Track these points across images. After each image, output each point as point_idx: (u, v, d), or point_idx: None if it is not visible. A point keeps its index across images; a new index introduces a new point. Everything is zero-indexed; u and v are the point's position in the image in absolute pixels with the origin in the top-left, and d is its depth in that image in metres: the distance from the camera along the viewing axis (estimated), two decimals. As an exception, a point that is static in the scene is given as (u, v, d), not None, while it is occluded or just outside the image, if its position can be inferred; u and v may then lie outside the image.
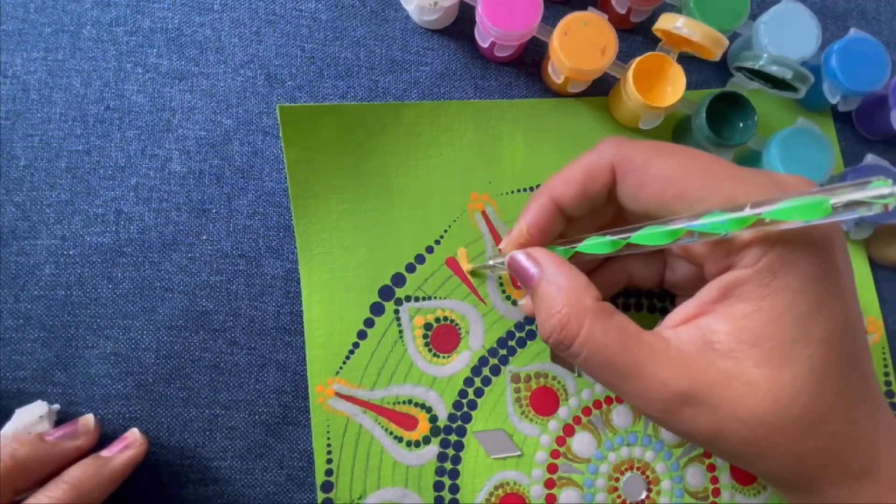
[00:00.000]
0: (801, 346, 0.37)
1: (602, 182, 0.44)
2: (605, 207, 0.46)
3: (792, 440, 0.37)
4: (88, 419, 0.48)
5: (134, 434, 0.48)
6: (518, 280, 0.46)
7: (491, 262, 0.51)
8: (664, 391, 0.38)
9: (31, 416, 0.46)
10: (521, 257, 0.44)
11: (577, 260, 0.45)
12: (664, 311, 0.55)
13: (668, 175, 0.40)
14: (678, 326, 0.41)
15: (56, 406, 0.48)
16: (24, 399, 0.48)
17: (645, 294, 0.55)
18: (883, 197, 0.30)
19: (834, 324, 0.38)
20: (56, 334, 0.50)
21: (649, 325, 0.43)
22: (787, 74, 0.51)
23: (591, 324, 0.40)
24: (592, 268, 0.51)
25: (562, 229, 0.47)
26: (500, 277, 0.54)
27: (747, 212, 0.35)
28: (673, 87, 0.52)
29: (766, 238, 0.37)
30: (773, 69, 0.51)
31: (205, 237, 0.52)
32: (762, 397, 0.37)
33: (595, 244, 0.43)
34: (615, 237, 0.42)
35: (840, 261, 0.39)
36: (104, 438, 0.48)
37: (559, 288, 0.41)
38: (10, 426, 0.46)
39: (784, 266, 0.37)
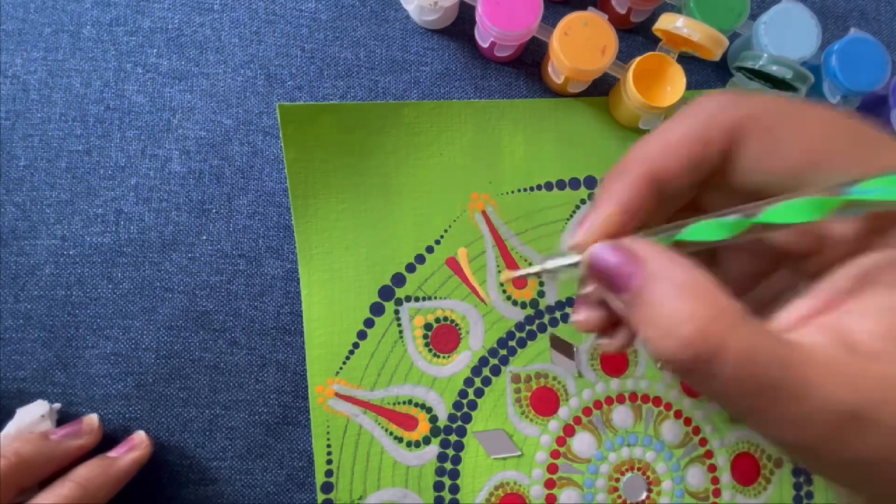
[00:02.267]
0: None
1: (717, 148, 0.34)
2: (709, 181, 0.36)
3: None
4: (92, 419, 0.48)
5: (140, 436, 0.48)
6: (605, 285, 0.33)
7: (549, 265, 0.36)
8: (830, 411, 0.28)
9: (33, 416, 0.46)
10: (608, 253, 0.32)
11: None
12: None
13: (808, 141, 0.32)
14: (796, 329, 0.32)
15: (57, 405, 0.48)
16: (25, 399, 0.48)
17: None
18: None
19: None
20: (56, 334, 0.50)
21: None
22: (788, 74, 0.51)
23: (739, 331, 0.29)
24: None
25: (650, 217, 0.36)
26: (500, 275, 0.53)
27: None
28: (673, 87, 0.51)
29: None
30: (774, 69, 0.51)
31: (205, 237, 0.51)
32: None
33: (704, 228, 0.32)
34: (735, 217, 0.31)
35: None
36: (104, 438, 0.49)
37: (683, 287, 0.30)
38: (11, 425, 0.46)
39: None
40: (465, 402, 0.52)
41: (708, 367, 0.28)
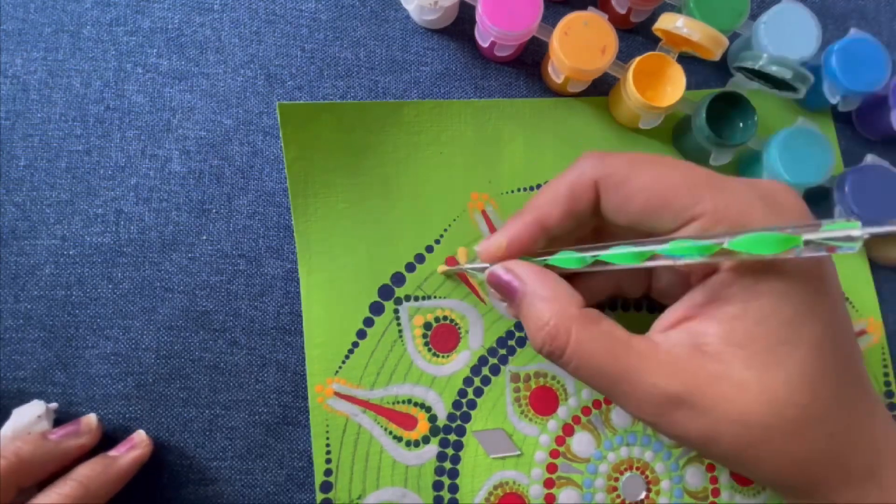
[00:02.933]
0: (791, 348, 0.37)
1: (586, 200, 0.43)
2: (588, 221, 0.45)
3: (789, 442, 0.37)
4: (91, 418, 0.47)
5: (140, 435, 0.48)
6: (500, 294, 0.45)
7: (468, 266, 0.51)
8: (655, 395, 0.38)
9: (30, 416, 0.46)
10: (501, 272, 0.44)
11: (557, 269, 0.44)
12: (663, 309, 0.54)
13: (650, 187, 0.40)
14: (668, 330, 0.41)
15: (54, 405, 0.48)
16: (25, 399, 0.48)
17: (645, 294, 0.55)
18: (851, 239, 0.32)
19: (824, 326, 0.37)
20: (56, 334, 0.49)
21: (646, 324, 0.43)
22: (787, 75, 0.50)
23: (578, 332, 0.39)
24: (575, 273, 0.49)
25: (542, 246, 0.46)
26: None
27: (712, 241, 0.36)
28: (673, 87, 0.51)
29: None
30: (773, 69, 0.51)
31: (205, 237, 0.51)
32: (754, 399, 0.36)
33: (566, 259, 0.43)
34: (586, 254, 0.42)
35: (825, 264, 0.39)
36: (104, 438, 0.48)
37: (543, 300, 0.41)
38: (8, 426, 0.46)
39: (769, 268, 0.37)
40: (464, 401, 0.52)
41: (560, 359, 0.40)
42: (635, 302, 0.55)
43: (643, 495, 0.52)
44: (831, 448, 0.37)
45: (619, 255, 0.40)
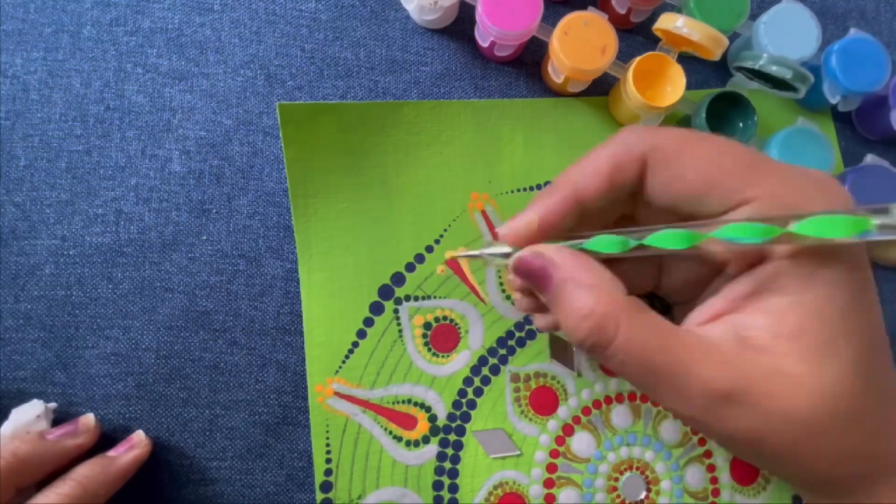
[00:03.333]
0: (845, 341, 0.35)
1: (630, 174, 0.39)
2: (623, 202, 0.42)
3: (839, 437, 0.35)
4: (88, 418, 0.47)
5: (139, 435, 0.48)
6: (528, 283, 0.40)
7: (486, 252, 0.44)
8: (706, 390, 0.35)
9: (29, 416, 0.46)
10: (530, 257, 0.39)
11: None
12: (664, 312, 0.54)
13: (703, 166, 0.37)
14: (707, 324, 0.38)
15: (52, 404, 0.48)
16: (24, 399, 0.47)
17: (644, 294, 0.54)
18: None
19: (871, 316, 0.36)
20: (56, 334, 0.49)
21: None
22: (787, 74, 0.50)
23: (628, 323, 0.36)
24: None
25: (571, 228, 0.41)
26: (499, 276, 0.53)
27: (775, 224, 0.34)
28: (673, 87, 0.51)
29: None
30: (773, 69, 0.51)
31: (205, 237, 0.51)
32: (808, 394, 0.34)
33: (604, 242, 0.39)
34: (627, 236, 0.38)
35: (863, 250, 0.37)
36: (104, 438, 0.48)
37: (585, 287, 0.37)
38: (7, 425, 0.45)
39: (826, 257, 0.35)
40: (464, 401, 0.52)
41: (604, 351, 0.36)
42: (647, 303, 0.54)
43: (643, 495, 0.52)
44: (873, 442, 0.36)
45: (668, 238, 0.37)
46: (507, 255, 0.41)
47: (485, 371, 0.52)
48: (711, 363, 0.35)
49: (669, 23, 0.50)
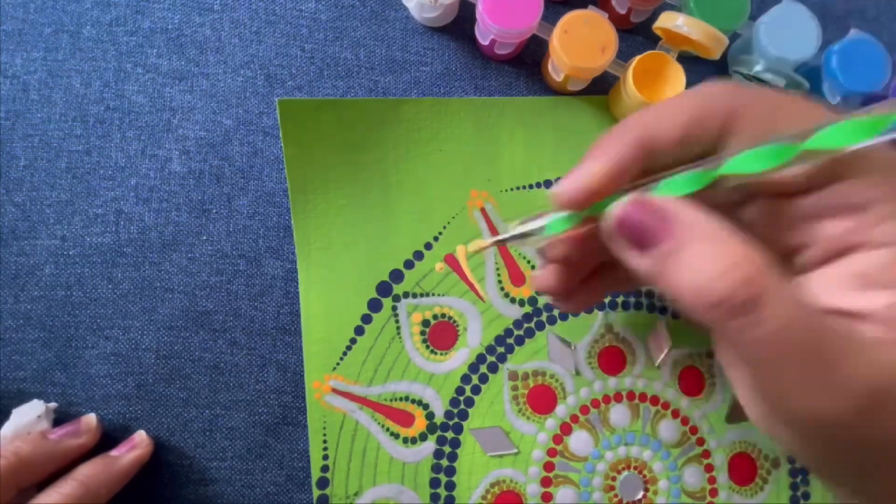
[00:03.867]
0: None
1: (712, 129, 0.34)
2: (688, 160, 0.35)
3: None
4: (90, 418, 0.47)
5: (141, 435, 0.48)
6: (636, 239, 0.32)
7: (523, 229, 0.39)
8: (862, 386, 0.28)
9: (30, 416, 0.46)
10: (639, 211, 0.32)
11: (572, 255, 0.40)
12: (664, 311, 0.54)
13: (797, 128, 0.31)
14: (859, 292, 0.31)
15: (53, 404, 0.48)
16: (25, 399, 0.47)
17: (645, 294, 0.54)
18: None
19: None
20: (56, 334, 0.49)
21: (648, 323, 0.42)
22: (781, 82, 0.50)
23: (780, 293, 0.28)
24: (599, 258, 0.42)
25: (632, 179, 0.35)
26: (498, 274, 0.53)
27: (864, 116, 0.29)
28: (672, 87, 0.51)
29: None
30: (768, 77, 0.50)
31: (205, 237, 0.51)
32: None
33: (679, 182, 0.33)
34: (701, 170, 0.33)
35: None
36: (104, 439, 0.48)
37: (725, 242, 0.29)
38: (8, 426, 0.45)
39: None
40: (461, 399, 0.52)
41: (749, 315, 0.28)
42: (636, 302, 0.54)
43: (641, 495, 0.52)
44: None
45: (752, 158, 0.31)
46: (542, 229, 0.37)
47: (483, 369, 0.52)
48: (872, 357, 0.29)
49: (669, 21, 0.50)
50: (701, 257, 0.29)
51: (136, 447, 0.47)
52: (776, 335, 0.28)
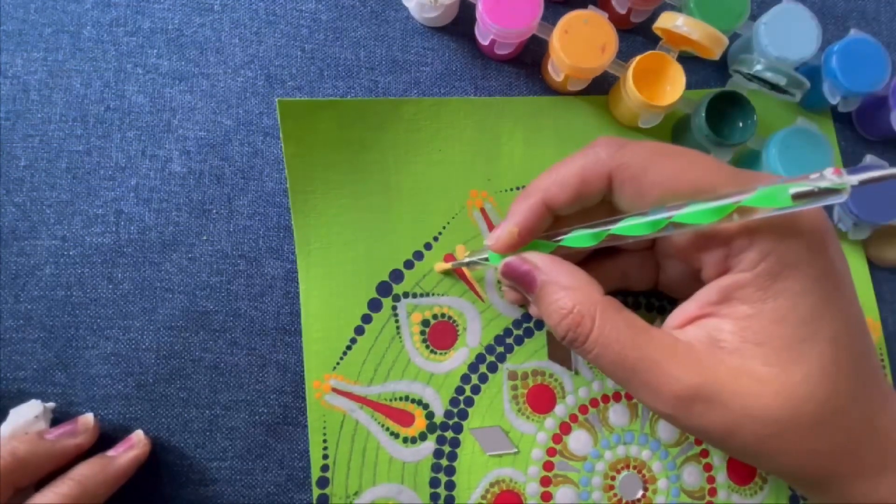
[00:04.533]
0: (809, 345, 0.36)
1: (597, 187, 0.42)
2: (597, 208, 0.44)
3: (808, 438, 0.37)
4: (88, 418, 0.47)
5: (138, 435, 0.48)
6: (516, 286, 0.44)
7: (471, 259, 0.50)
8: (675, 387, 0.37)
9: (27, 416, 0.45)
10: (517, 263, 0.43)
11: (563, 254, 0.43)
12: (662, 310, 0.53)
13: (669, 182, 0.39)
14: (683, 327, 0.40)
15: (51, 404, 0.47)
16: (24, 399, 0.47)
17: (643, 293, 0.54)
18: (836, 186, 0.32)
19: (840, 322, 0.37)
20: (56, 334, 0.49)
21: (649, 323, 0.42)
22: (782, 81, 0.50)
23: (602, 319, 0.39)
24: (582, 262, 0.48)
25: (548, 226, 0.45)
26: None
27: (726, 201, 0.35)
28: (672, 87, 0.50)
29: (762, 239, 0.37)
30: (769, 75, 0.50)
31: (205, 237, 0.50)
32: (774, 395, 0.36)
33: (578, 237, 0.42)
34: (597, 230, 0.41)
35: (837, 260, 0.38)
36: (104, 439, 0.48)
37: (565, 288, 0.40)
38: (6, 426, 0.45)
39: (783, 270, 0.36)
40: (461, 398, 0.51)
41: (583, 346, 0.40)
42: (634, 301, 0.54)
43: (640, 494, 0.52)
44: (847, 442, 0.37)
45: (632, 227, 0.39)
46: (488, 261, 0.46)
47: (482, 368, 0.52)
48: (682, 362, 0.38)
49: (669, 21, 0.49)
50: (550, 303, 0.41)
51: (133, 447, 0.47)
52: (601, 356, 0.39)
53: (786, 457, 0.38)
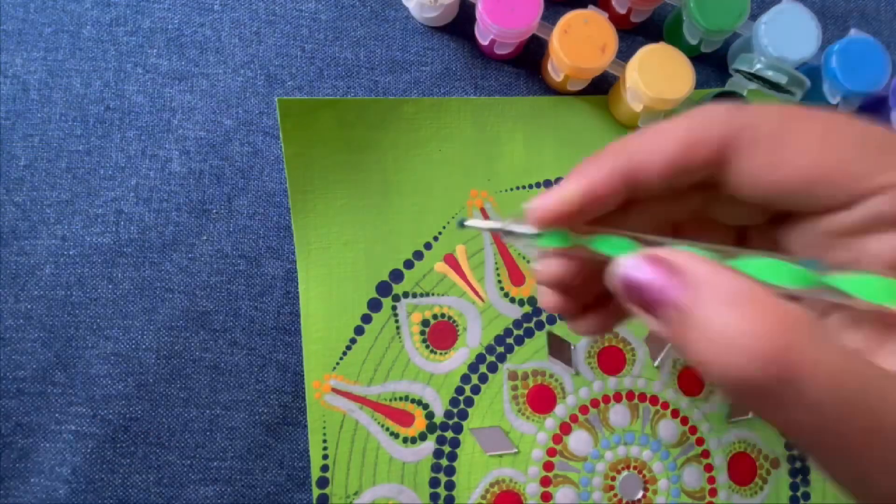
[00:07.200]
0: None
1: (704, 156, 0.29)
2: (685, 197, 0.32)
3: None
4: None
5: None
6: (640, 301, 0.27)
7: (513, 227, 0.32)
8: None
9: None
10: (642, 267, 0.27)
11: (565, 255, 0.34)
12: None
13: (812, 150, 0.28)
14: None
15: None
16: (24, 399, 0.47)
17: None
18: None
19: None
20: (56, 334, 0.48)
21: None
22: (783, 80, 0.49)
23: (820, 346, 0.23)
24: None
25: (610, 211, 0.32)
26: (498, 274, 0.52)
27: None
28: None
29: None
30: (769, 74, 0.49)
31: (205, 237, 0.50)
32: None
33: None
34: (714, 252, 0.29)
35: None
36: (104, 439, 0.47)
37: (738, 297, 0.24)
38: None
39: None
40: (461, 398, 0.51)
41: (786, 388, 0.23)
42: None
43: (640, 494, 0.51)
44: None
45: (770, 269, 0.27)
46: (536, 236, 0.31)
47: (482, 369, 0.51)
48: None
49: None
50: (723, 316, 0.24)
51: None
52: (821, 403, 0.23)
53: None
